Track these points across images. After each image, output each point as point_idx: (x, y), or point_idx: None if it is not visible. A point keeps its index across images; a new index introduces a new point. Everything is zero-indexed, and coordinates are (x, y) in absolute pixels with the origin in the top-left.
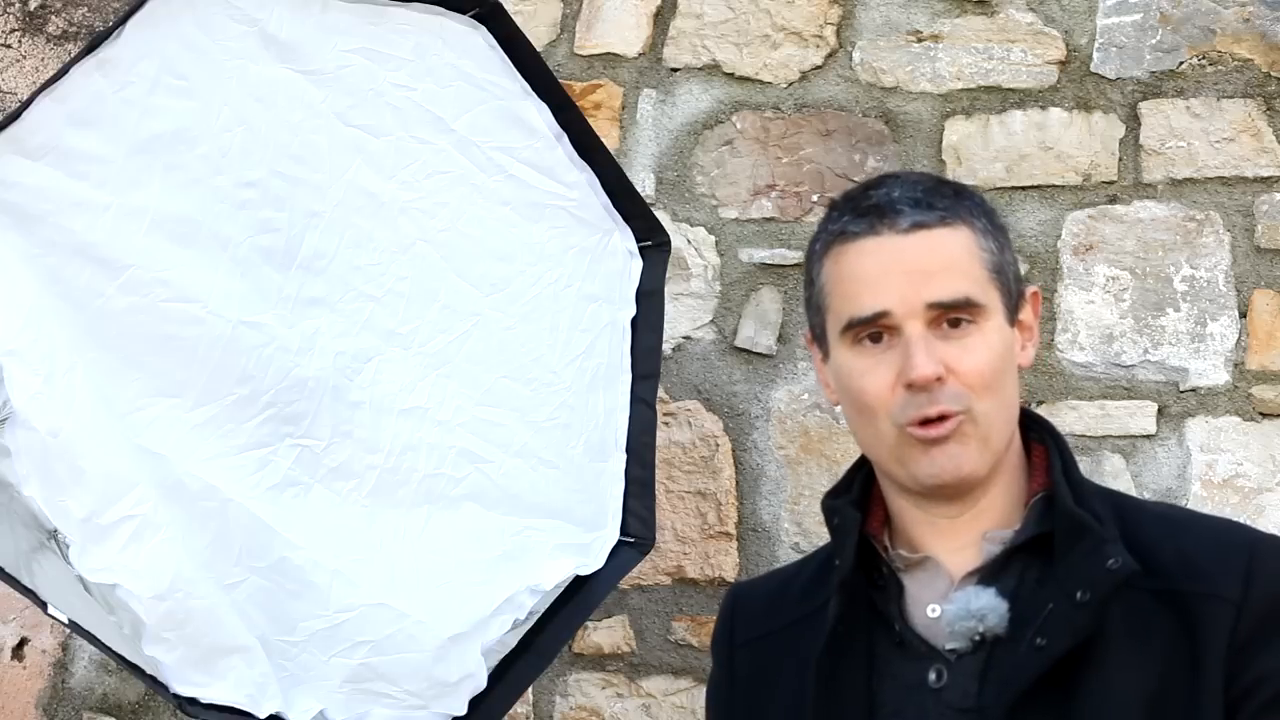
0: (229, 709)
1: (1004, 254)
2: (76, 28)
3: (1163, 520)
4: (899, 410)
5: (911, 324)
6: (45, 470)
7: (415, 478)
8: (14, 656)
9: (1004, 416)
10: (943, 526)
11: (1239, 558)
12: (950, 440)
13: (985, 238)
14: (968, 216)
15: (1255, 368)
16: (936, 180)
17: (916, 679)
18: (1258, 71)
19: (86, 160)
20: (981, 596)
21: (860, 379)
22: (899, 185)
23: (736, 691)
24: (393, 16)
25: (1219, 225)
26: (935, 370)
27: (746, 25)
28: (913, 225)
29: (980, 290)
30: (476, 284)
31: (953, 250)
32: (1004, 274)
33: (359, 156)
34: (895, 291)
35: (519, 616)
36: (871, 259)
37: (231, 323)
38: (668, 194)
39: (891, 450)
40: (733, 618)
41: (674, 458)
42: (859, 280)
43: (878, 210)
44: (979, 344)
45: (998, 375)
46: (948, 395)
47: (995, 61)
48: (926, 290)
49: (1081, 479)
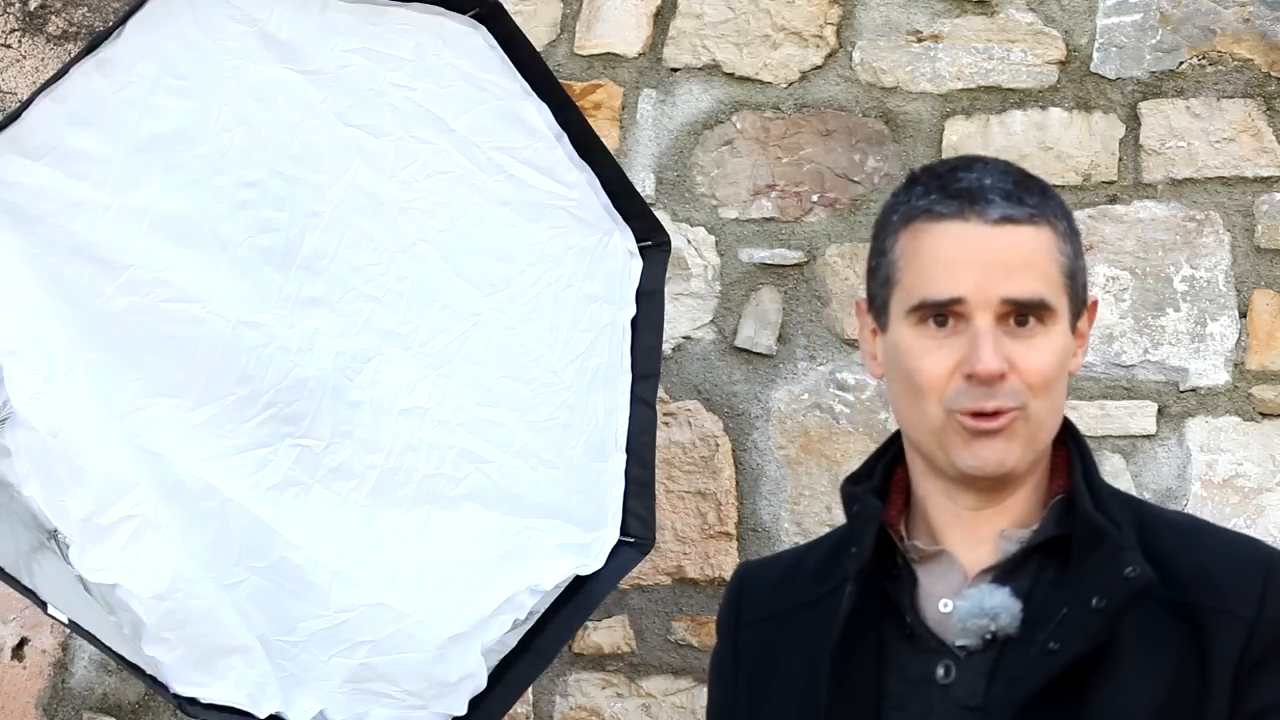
0: (229, 709)
1: (1078, 260)
2: (76, 28)
3: (1181, 530)
4: (953, 396)
5: (982, 315)
6: (45, 470)
7: (415, 478)
8: (14, 656)
9: (1053, 420)
10: (965, 518)
11: (1256, 575)
12: (1000, 435)
13: (1065, 241)
14: (1052, 218)
15: (1255, 368)
16: (1024, 173)
17: (925, 673)
18: (1258, 71)
19: (86, 160)
20: (996, 595)
21: (919, 359)
22: (989, 173)
23: (741, 672)
24: (393, 16)
25: (1219, 225)
26: (1001, 366)
27: (746, 25)
28: (1002, 218)
29: (1054, 293)
30: (476, 284)
31: (1035, 249)
32: (1076, 280)
33: (359, 156)
34: (972, 280)
35: (519, 616)
36: (955, 243)
37: (231, 323)
38: (668, 194)
39: (936, 434)
40: (739, 597)
41: (674, 458)
42: (939, 262)
43: (969, 195)
44: (1044, 345)
45: (1056, 379)
46: (1007, 391)
47: (995, 61)
48: (1004, 285)
49: (1102, 483)
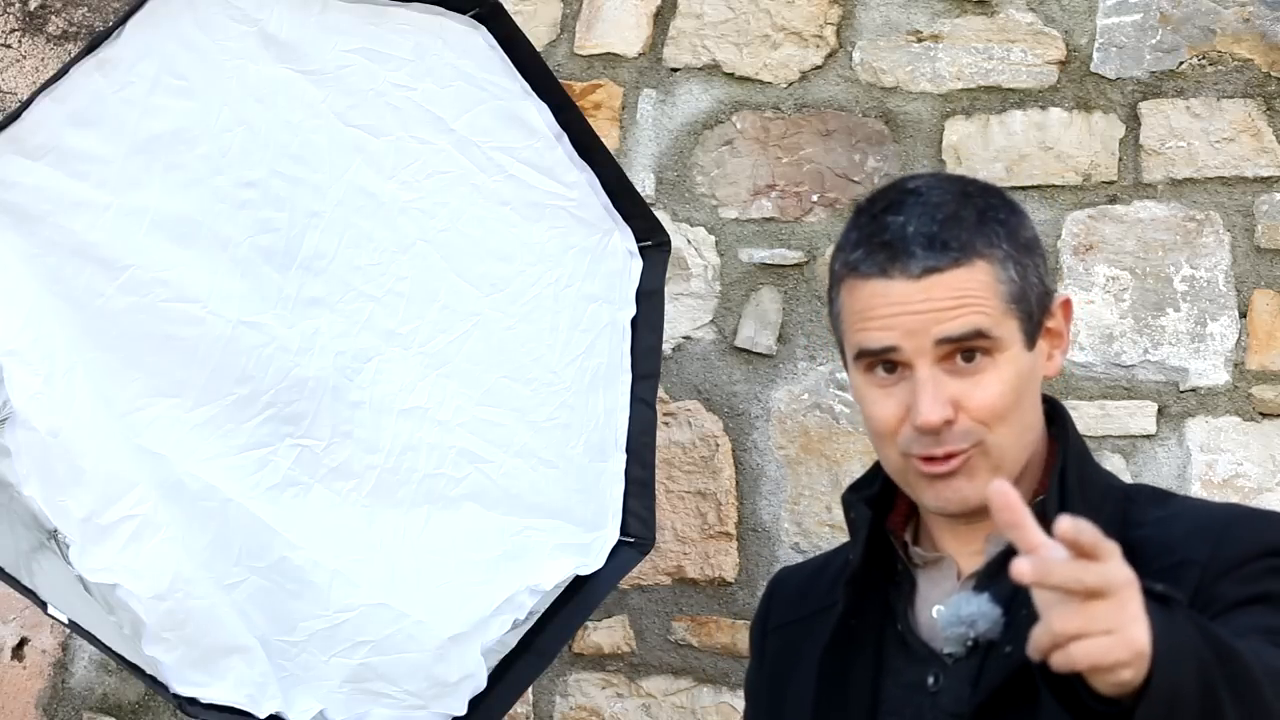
0: (229, 709)
1: (1027, 276)
2: (76, 28)
3: (1166, 517)
4: (905, 443)
5: (921, 362)
6: (45, 470)
7: (415, 478)
8: (14, 656)
9: (1019, 442)
10: (960, 530)
11: (1214, 528)
12: (957, 475)
13: (1005, 266)
14: (985, 249)
15: (1255, 368)
16: (958, 203)
17: (917, 680)
18: (1258, 71)
19: (86, 160)
20: (972, 602)
21: (871, 406)
22: (915, 215)
23: (764, 675)
24: (393, 16)
25: (1219, 225)
26: (942, 415)
27: (746, 25)
28: (924, 270)
29: (994, 323)
30: (476, 284)
31: (965, 288)
32: (1025, 300)
33: (359, 156)
34: (903, 329)
35: (519, 616)
36: (881, 301)
37: (231, 323)
38: (668, 194)
39: (901, 475)
40: (769, 602)
41: (674, 458)
42: (868, 316)
43: (890, 250)
44: (992, 379)
45: (1011, 407)
46: (957, 435)
47: (995, 61)
48: (936, 328)
49: (1083, 477)
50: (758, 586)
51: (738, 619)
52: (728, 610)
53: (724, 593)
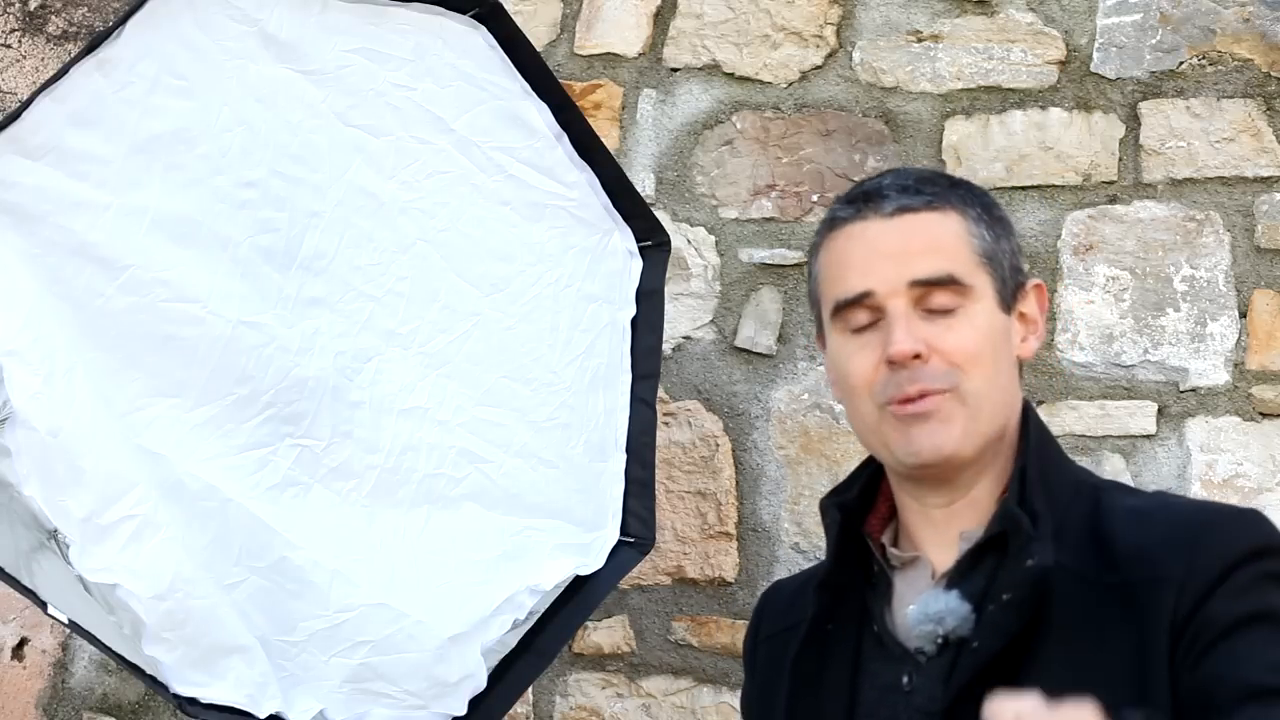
0: (229, 709)
1: (999, 243)
2: (76, 28)
3: (1137, 513)
4: (880, 389)
5: (894, 303)
6: (45, 470)
7: (415, 478)
8: (14, 656)
9: (997, 398)
10: (934, 519)
11: (1186, 539)
12: (931, 418)
13: (977, 225)
14: (958, 204)
15: (1255, 368)
16: (934, 172)
17: (892, 680)
18: (1258, 71)
19: (86, 160)
20: (940, 600)
21: (848, 361)
22: (892, 174)
23: (755, 686)
24: (393, 16)
25: (1219, 225)
26: (914, 346)
27: (746, 25)
28: (897, 209)
29: (965, 270)
30: (476, 284)
31: (936, 232)
32: (996, 261)
33: (359, 156)
34: (878, 272)
35: (519, 616)
36: (856, 243)
37: (231, 323)
38: (668, 194)
39: (875, 431)
40: (761, 614)
41: (674, 458)
42: (844, 264)
43: (865, 196)
44: (964, 324)
45: (985, 354)
46: (929, 374)
47: (995, 61)
48: (909, 269)
49: (1045, 473)
50: (758, 586)
51: (738, 619)
52: (728, 610)
53: (724, 593)
